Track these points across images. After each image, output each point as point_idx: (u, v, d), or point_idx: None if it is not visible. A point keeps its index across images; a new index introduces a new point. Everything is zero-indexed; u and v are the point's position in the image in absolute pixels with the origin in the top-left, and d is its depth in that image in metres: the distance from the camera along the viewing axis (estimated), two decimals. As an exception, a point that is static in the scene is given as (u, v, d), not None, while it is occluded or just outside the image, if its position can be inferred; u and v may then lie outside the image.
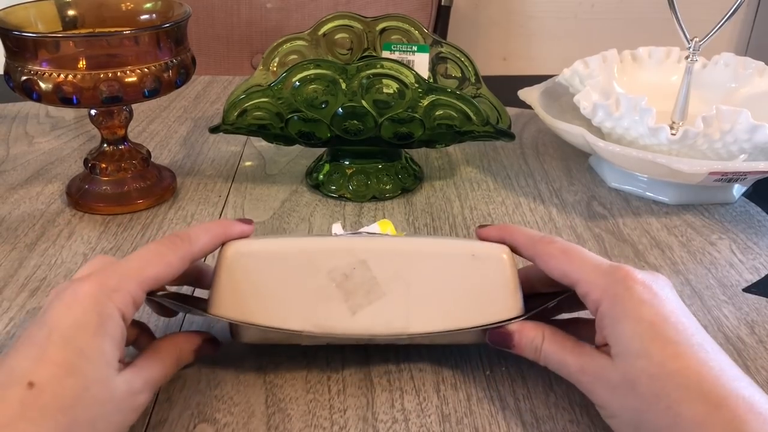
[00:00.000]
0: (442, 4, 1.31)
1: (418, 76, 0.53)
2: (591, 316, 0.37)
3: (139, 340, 0.39)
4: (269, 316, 0.37)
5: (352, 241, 0.39)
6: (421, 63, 0.66)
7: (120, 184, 0.59)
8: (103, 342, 0.31)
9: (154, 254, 0.35)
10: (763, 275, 0.51)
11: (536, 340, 0.37)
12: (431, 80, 0.67)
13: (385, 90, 0.54)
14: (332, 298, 0.37)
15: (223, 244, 0.38)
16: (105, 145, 0.59)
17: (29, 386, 0.29)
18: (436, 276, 0.38)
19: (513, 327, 0.38)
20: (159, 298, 0.38)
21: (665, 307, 0.34)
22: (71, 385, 0.30)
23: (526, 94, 0.68)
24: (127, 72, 0.51)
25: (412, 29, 0.67)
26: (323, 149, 0.64)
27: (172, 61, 0.54)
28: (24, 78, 0.51)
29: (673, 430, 0.31)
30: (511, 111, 0.67)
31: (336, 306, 0.37)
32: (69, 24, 0.59)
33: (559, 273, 0.37)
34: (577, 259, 0.36)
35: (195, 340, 0.39)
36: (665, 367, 0.32)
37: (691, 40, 0.61)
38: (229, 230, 0.38)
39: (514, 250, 0.39)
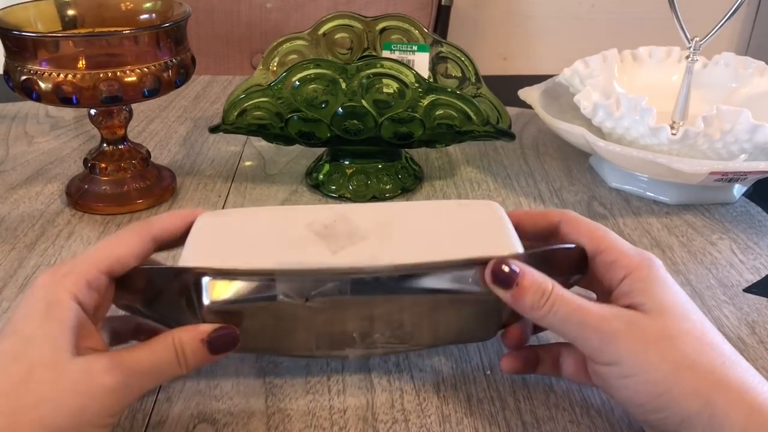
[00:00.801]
0: (442, 3, 1.31)
1: (418, 76, 0.53)
2: None
3: (138, 330, 0.37)
4: (239, 260, 0.34)
5: (332, 204, 0.38)
6: (421, 63, 0.66)
7: (119, 184, 0.59)
8: (50, 326, 0.31)
9: (110, 238, 0.35)
10: (763, 275, 0.51)
11: (545, 284, 0.34)
12: (431, 80, 0.66)
13: (385, 90, 0.54)
14: (311, 244, 0.35)
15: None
16: (105, 144, 0.59)
17: None
18: (421, 223, 0.36)
19: (518, 266, 0.34)
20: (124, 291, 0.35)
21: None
22: (14, 371, 0.30)
23: (527, 93, 0.68)
24: (127, 72, 0.51)
25: (412, 29, 0.67)
26: (323, 149, 0.64)
27: (171, 61, 0.54)
28: (23, 78, 0.51)
29: (717, 389, 0.31)
30: (512, 111, 0.67)
31: (315, 249, 0.34)
32: (68, 24, 0.59)
33: (589, 236, 0.36)
34: (609, 232, 0.37)
35: (200, 330, 0.34)
36: (705, 336, 0.32)
37: (692, 40, 0.61)
38: (196, 212, 0.38)
39: (526, 223, 0.39)
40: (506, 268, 0.34)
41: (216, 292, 0.34)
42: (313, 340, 0.38)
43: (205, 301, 0.34)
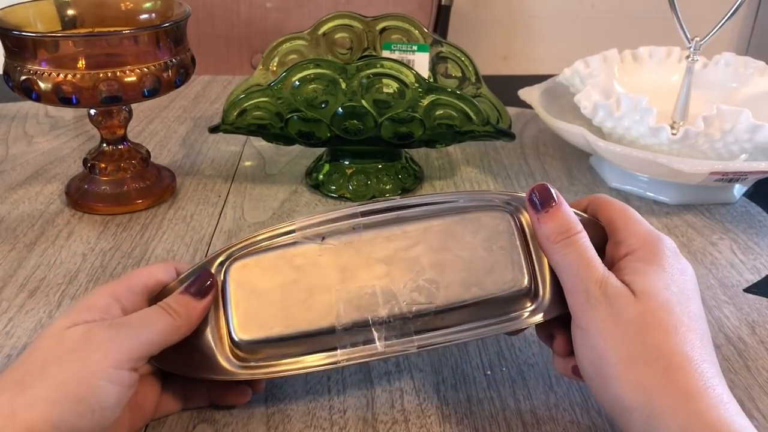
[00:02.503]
0: (443, 3, 1.31)
1: (418, 76, 0.53)
2: None
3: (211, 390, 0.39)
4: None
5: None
6: (421, 62, 0.66)
7: (119, 184, 0.59)
8: (72, 312, 0.34)
9: (142, 267, 0.41)
10: (763, 275, 0.51)
11: (573, 224, 0.35)
12: (431, 80, 0.66)
13: (385, 90, 0.54)
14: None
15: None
16: (104, 144, 0.59)
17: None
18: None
19: (559, 197, 0.36)
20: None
21: (686, 274, 0.35)
22: (29, 351, 0.33)
23: (527, 93, 0.68)
24: (127, 72, 0.51)
25: (412, 29, 0.67)
26: (323, 149, 0.64)
27: (171, 61, 0.54)
28: (23, 78, 0.51)
29: (660, 391, 0.30)
30: (512, 111, 0.67)
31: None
32: (68, 23, 0.59)
33: (613, 216, 0.37)
34: (633, 214, 0.37)
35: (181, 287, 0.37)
36: (677, 332, 0.32)
37: (692, 40, 0.61)
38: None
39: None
40: (549, 191, 0.36)
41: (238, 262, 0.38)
42: (335, 304, 0.36)
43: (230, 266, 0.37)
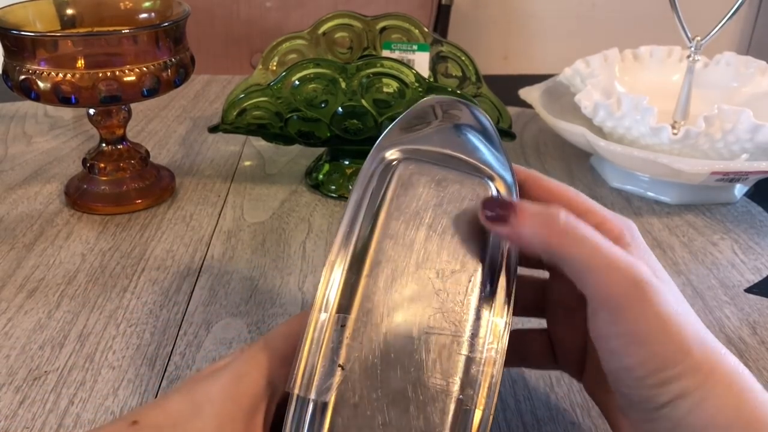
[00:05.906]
0: (443, 2, 1.31)
1: (418, 76, 0.53)
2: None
3: None
4: None
5: None
6: (422, 62, 0.66)
7: (118, 183, 0.58)
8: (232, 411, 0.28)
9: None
10: (765, 275, 0.51)
11: (552, 209, 0.29)
12: (431, 79, 0.66)
13: (385, 89, 0.53)
14: None
15: None
16: (103, 144, 0.59)
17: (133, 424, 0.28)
18: None
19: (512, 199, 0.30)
20: None
21: None
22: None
23: (527, 93, 0.68)
24: (126, 71, 0.51)
25: (412, 28, 0.67)
26: (323, 149, 0.64)
27: (170, 60, 0.54)
28: (22, 77, 0.51)
29: (715, 370, 0.27)
30: (512, 110, 0.66)
31: None
32: (67, 23, 0.59)
33: (564, 198, 0.32)
34: (580, 193, 0.33)
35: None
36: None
37: (693, 40, 0.61)
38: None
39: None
40: (498, 197, 0.30)
41: None
42: None
43: None
